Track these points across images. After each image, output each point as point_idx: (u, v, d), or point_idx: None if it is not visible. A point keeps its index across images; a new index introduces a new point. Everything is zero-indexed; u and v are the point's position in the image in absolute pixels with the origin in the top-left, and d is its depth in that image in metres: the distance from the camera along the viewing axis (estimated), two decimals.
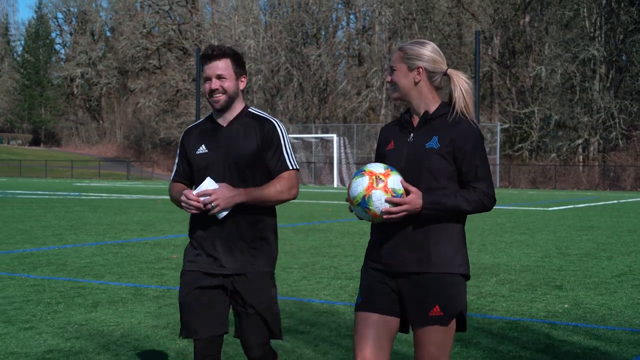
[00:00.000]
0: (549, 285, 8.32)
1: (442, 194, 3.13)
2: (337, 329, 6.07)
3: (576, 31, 50.09)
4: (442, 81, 3.30)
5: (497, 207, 22.93)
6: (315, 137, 49.22)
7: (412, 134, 3.26)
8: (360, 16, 64.64)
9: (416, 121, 3.29)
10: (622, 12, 48.41)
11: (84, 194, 31.03)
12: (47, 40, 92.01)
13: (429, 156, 3.18)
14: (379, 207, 3.06)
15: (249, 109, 3.72)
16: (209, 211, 3.50)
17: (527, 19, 53.36)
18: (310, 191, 36.59)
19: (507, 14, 53.45)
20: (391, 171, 3.12)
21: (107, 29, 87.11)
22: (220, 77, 3.60)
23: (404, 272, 3.17)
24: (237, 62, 3.66)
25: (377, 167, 3.14)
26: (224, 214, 3.52)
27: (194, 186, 3.73)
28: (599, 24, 49.41)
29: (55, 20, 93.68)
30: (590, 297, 7.61)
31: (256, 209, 3.60)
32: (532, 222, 17.18)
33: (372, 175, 3.09)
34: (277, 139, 3.65)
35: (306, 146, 50.37)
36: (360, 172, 3.14)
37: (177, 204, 3.70)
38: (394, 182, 3.09)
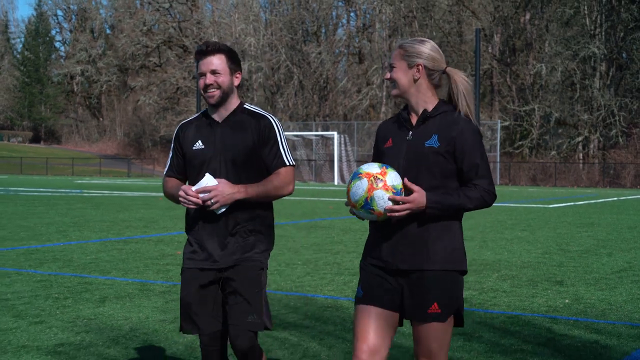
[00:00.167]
0: (550, 280, 8.41)
1: (445, 193, 3.16)
2: (341, 324, 6.16)
3: (576, 29, 50.15)
4: (441, 79, 3.32)
5: (497, 204, 23.03)
6: (315, 135, 49.30)
7: (410, 132, 3.28)
8: (360, 14, 64.75)
9: (414, 119, 3.30)
10: (623, 10, 48.48)
11: (85, 191, 31.13)
12: (47, 37, 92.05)
13: (428, 155, 3.20)
14: (383, 205, 3.10)
15: (245, 105, 3.75)
16: (207, 207, 3.54)
17: (527, 16, 53.43)
18: (311, 189, 36.68)
19: (508, 12, 53.52)
20: (387, 169, 3.15)
21: (106, 27, 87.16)
22: (214, 73, 3.62)
23: (404, 270, 3.20)
24: (231, 58, 3.68)
25: (372, 167, 3.16)
26: (223, 210, 3.56)
27: (188, 181, 3.75)
28: (599, 21, 49.48)
29: (55, 17, 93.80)
30: (590, 292, 7.71)
31: (252, 204, 3.63)
32: (532, 219, 17.28)
33: (369, 176, 3.12)
34: (273, 135, 3.68)
35: (306, 144, 50.46)
36: (357, 176, 3.16)
37: (172, 199, 3.72)
38: (392, 179, 3.12)
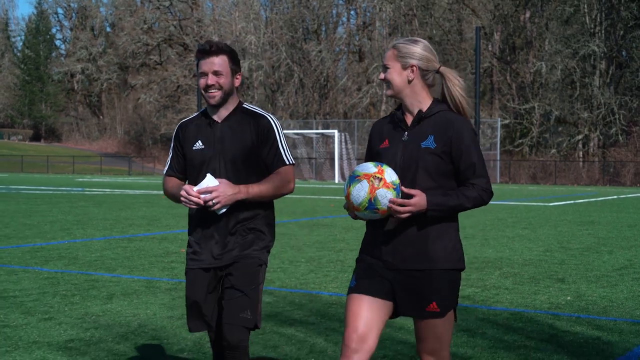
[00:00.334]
0: (552, 278, 8.50)
1: (444, 194, 3.18)
2: None
3: (576, 27, 50.21)
4: (435, 79, 3.33)
5: (498, 203, 23.11)
6: (316, 133, 49.38)
7: (406, 133, 3.29)
8: (360, 12, 64.77)
9: (409, 119, 3.32)
10: (622, 8, 48.53)
11: (87, 189, 31.20)
12: (48, 35, 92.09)
13: (425, 156, 3.21)
14: (387, 203, 3.12)
15: (244, 105, 3.76)
16: (208, 207, 3.57)
17: (527, 14, 53.49)
18: (311, 187, 36.74)
19: (508, 10, 53.57)
20: (382, 167, 3.16)
21: (107, 25, 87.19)
22: (216, 73, 3.63)
23: (403, 269, 3.23)
24: (233, 59, 3.69)
25: (368, 168, 3.17)
26: (224, 210, 3.59)
27: (188, 181, 3.77)
28: (599, 19, 49.54)
29: (55, 15, 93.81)
30: (592, 289, 7.79)
31: (253, 204, 3.67)
32: (533, 217, 17.36)
33: (368, 177, 3.13)
34: (272, 134, 3.70)
35: (307, 142, 50.54)
36: (355, 179, 3.16)
37: (172, 198, 3.75)
38: (390, 176, 3.14)
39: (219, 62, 3.64)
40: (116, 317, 6.30)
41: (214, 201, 3.51)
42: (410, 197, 3.13)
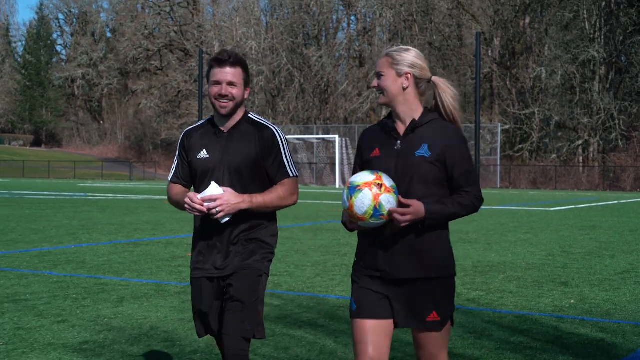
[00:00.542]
0: (555, 282, 8.60)
1: (440, 203, 3.21)
2: None
3: (576, 33, 50.42)
4: (426, 88, 3.35)
5: (499, 207, 23.23)
6: (317, 138, 49.53)
7: (399, 142, 3.29)
8: (361, 17, 65.00)
9: (400, 127, 3.31)
10: (622, 14, 48.75)
11: (89, 194, 31.31)
12: (49, 41, 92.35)
13: (420, 164, 3.22)
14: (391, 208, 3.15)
15: (249, 115, 3.77)
16: (212, 215, 3.58)
17: (527, 20, 53.69)
18: (313, 192, 36.86)
19: (508, 16, 53.78)
20: (378, 173, 3.17)
21: (107, 30, 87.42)
22: (231, 84, 3.64)
23: (401, 279, 3.24)
24: (246, 71, 3.72)
25: (366, 176, 3.16)
26: (227, 219, 3.60)
27: (193, 188, 3.81)
28: (598, 25, 49.75)
29: (56, 21, 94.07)
30: (595, 293, 7.90)
31: (256, 214, 3.68)
32: (534, 222, 17.47)
33: (369, 185, 3.12)
34: (277, 146, 3.71)
35: (308, 147, 50.70)
36: (355, 189, 3.14)
37: (176, 205, 3.78)
38: (388, 181, 3.15)
39: (234, 73, 3.66)
40: (128, 320, 6.41)
41: (217, 209, 3.53)
42: (405, 207, 3.15)
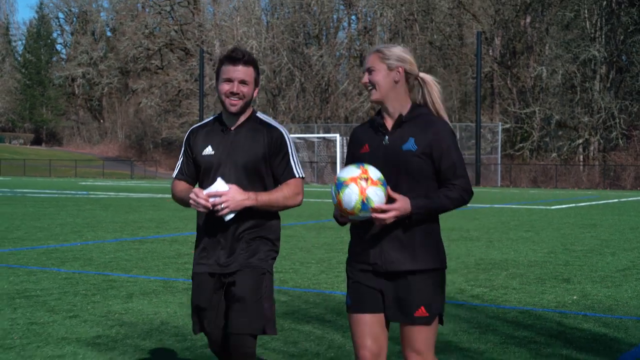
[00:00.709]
0: (557, 278, 8.71)
1: (427, 197, 3.24)
2: None
3: (577, 32, 50.51)
4: (414, 84, 3.40)
5: (501, 206, 23.34)
6: (317, 137, 49.64)
7: (386, 137, 3.32)
8: (361, 17, 65.09)
9: (389, 123, 3.35)
10: (623, 13, 48.85)
11: (91, 192, 31.41)
12: (49, 40, 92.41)
13: (406, 158, 3.25)
14: (380, 200, 3.15)
15: (257, 114, 3.79)
16: (216, 212, 3.57)
17: (528, 19, 53.79)
18: (314, 190, 36.96)
19: (508, 15, 53.87)
20: (364, 166, 3.19)
21: (107, 29, 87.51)
22: (243, 82, 3.65)
23: (391, 272, 3.28)
24: (257, 71, 3.75)
25: (352, 171, 3.18)
26: (231, 216, 3.58)
27: (198, 185, 3.82)
28: (599, 24, 49.85)
29: (56, 20, 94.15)
30: (597, 289, 8.01)
31: (260, 213, 3.68)
32: (535, 220, 17.57)
33: (355, 180, 3.14)
34: (284, 147, 3.72)
35: (308, 146, 50.82)
36: (342, 185, 3.16)
37: (181, 202, 3.77)
38: (374, 173, 3.17)
39: (246, 71, 3.67)
40: (138, 315, 6.52)
41: (222, 205, 3.51)
42: (393, 201, 3.18)
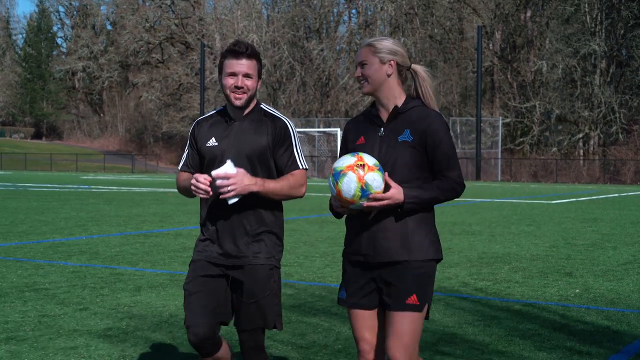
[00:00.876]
0: (560, 272, 8.81)
1: (420, 187, 3.28)
2: None
3: (577, 26, 50.56)
4: (406, 76, 3.43)
5: (502, 200, 23.43)
6: (318, 131, 49.71)
7: (382, 128, 3.36)
8: (362, 11, 65.08)
9: (384, 115, 3.38)
10: (623, 8, 48.89)
11: (93, 186, 31.50)
12: (49, 33, 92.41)
13: (402, 149, 3.29)
14: (379, 185, 3.18)
15: (261, 106, 3.77)
16: (217, 196, 3.53)
17: (528, 13, 53.84)
18: (315, 184, 37.02)
19: (509, 9, 53.91)
20: (359, 154, 3.22)
21: (108, 23, 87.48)
22: (247, 76, 3.64)
23: (385, 262, 3.32)
24: (260, 64, 3.73)
25: (347, 160, 3.21)
26: (235, 200, 3.51)
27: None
28: (599, 19, 49.88)
29: (56, 13, 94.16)
30: (599, 283, 8.10)
31: (264, 205, 3.67)
32: (537, 215, 17.66)
33: (351, 168, 3.16)
34: (288, 137, 3.70)
35: (309, 140, 50.90)
36: (339, 174, 3.19)
37: (184, 191, 3.74)
38: (370, 159, 3.20)
39: (250, 64, 3.66)
40: (147, 308, 6.60)
41: (229, 188, 3.46)
42: (388, 188, 3.22)
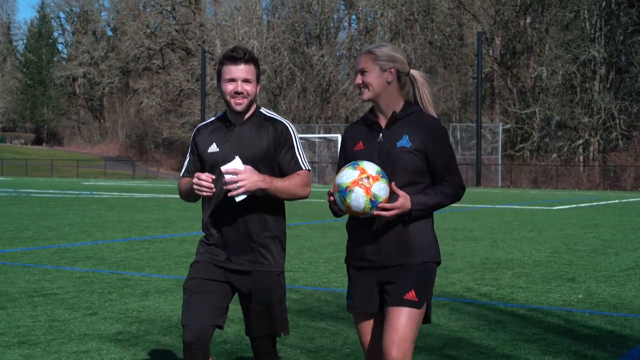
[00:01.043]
0: (562, 278, 8.88)
1: (425, 194, 3.34)
2: None
3: (576, 32, 50.72)
4: (405, 82, 3.47)
5: (503, 206, 23.51)
6: (318, 137, 49.82)
7: (381, 134, 3.39)
8: (362, 17, 65.26)
9: (382, 121, 3.42)
10: (622, 14, 49.06)
11: (95, 192, 31.57)
12: (50, 39, 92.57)
13: (401, 155, 3.32)
14: (385, 194, 3.24)
15: (261, 110, 3.77)
16: (221, 200, 3.55)
17: (528, 20, 54.00)
18: (316, 190, 37.05)
19: (508, 15, 54.07)
20: (360, 165, 3.25)
21: (108, 29, 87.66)
22: (246, 81, 3.64)
23: (388, 265, 3.38)
24: (258, 68, 3.73)
25: (350, 175, 3.24)
26: (242, 197, 3.49)
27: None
28: (599, 25, 50.05)
29: (57, 19, 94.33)
30: (601, 288, 8.18)
31: (267, 208, 3.67)
32: (538, 221, 17.74)
33: (357, 183, 3.21)
34: (289, 140, 3.71)
35: (309, 146, 51.01)
36: (346, 190, 3.24)
37: (186, 195, 3.75)
38: (372, 169, 3.24)
39: (248, 70, 3.66)
40: (156, 313, 6.68)
41: (238, 184, 3.45)
42: (396, 197, 3.27)
